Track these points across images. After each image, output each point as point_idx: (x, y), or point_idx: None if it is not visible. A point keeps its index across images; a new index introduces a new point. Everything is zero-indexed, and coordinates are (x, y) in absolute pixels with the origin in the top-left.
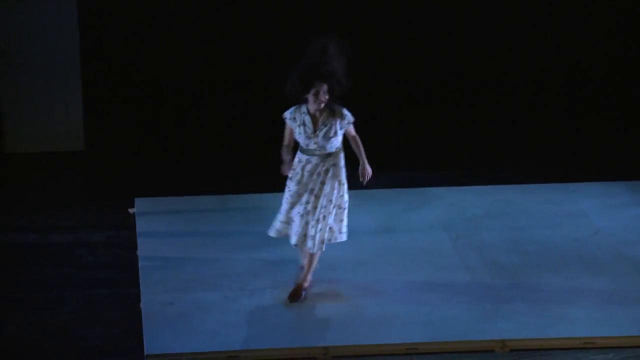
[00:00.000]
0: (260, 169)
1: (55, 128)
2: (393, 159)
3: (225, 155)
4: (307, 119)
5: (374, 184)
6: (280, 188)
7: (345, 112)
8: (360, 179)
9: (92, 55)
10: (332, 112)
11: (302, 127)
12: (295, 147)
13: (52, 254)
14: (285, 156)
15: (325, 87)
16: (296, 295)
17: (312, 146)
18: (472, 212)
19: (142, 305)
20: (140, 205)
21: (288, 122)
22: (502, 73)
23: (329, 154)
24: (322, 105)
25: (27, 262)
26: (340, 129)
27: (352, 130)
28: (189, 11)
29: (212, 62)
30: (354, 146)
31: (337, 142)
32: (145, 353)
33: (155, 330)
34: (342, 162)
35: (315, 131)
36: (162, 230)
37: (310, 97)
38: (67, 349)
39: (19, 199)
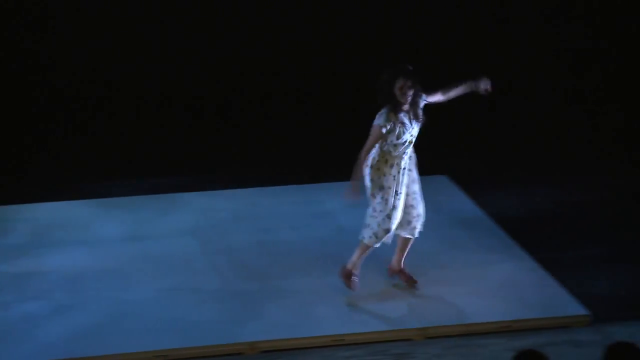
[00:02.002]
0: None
1: None
2: (139, 166)
3: None
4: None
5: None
6: (28, 199)
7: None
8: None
9: None
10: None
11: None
12: None
13: None
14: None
15: (409, 82)
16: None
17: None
18: (220, 216)
19: None
20: None
21: (383, 130)
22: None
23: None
24: (409, 99)
25: None
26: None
27: (429, 96)
28: (32, 18)
29: (43, 71)
30: (448, 94)
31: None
32: None
33: None
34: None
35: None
36: None
37: (397, 92)
38: None
39: None
